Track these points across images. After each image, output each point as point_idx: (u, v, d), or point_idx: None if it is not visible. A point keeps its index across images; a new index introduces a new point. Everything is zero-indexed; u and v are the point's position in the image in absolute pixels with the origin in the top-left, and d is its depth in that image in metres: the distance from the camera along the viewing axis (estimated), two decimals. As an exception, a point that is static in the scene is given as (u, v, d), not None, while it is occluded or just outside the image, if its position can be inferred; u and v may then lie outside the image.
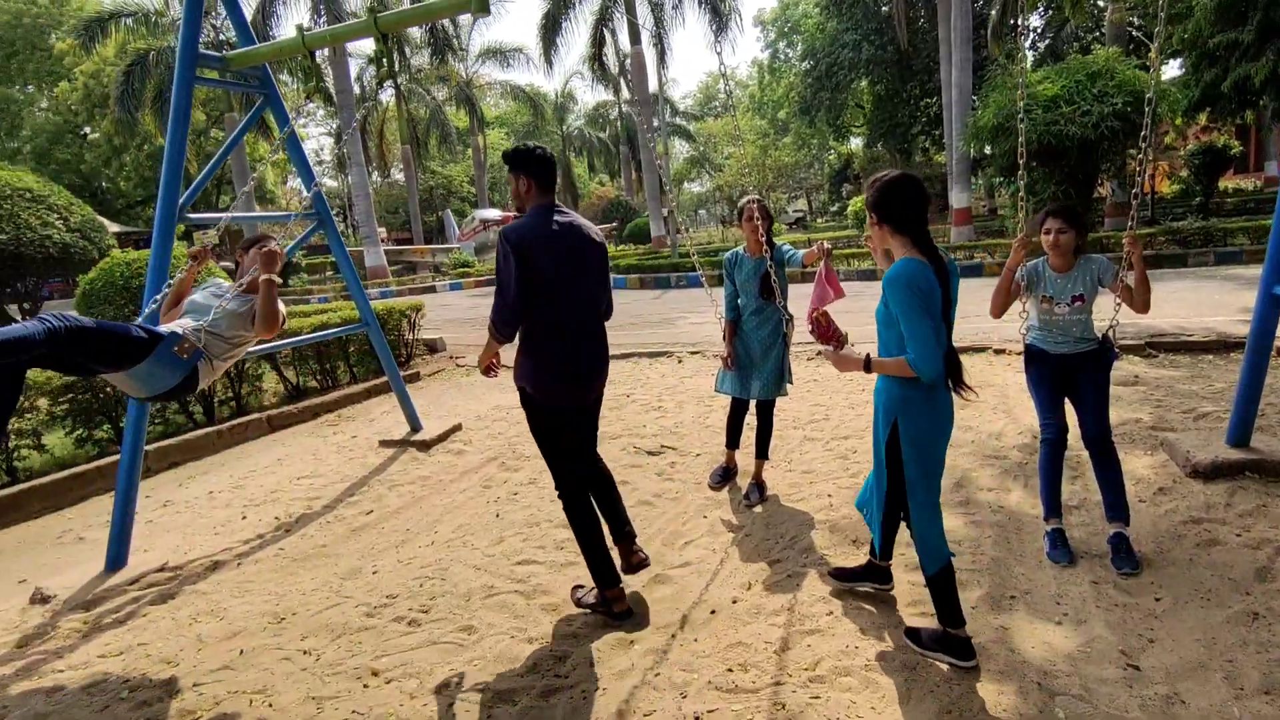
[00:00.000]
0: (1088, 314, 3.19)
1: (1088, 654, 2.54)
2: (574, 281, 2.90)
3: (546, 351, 2.90)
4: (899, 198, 2.38)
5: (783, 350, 4.07)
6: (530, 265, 2.76)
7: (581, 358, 2.97)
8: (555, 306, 2.86)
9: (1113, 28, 18.32)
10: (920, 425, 2.44)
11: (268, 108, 4.97)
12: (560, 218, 2.91)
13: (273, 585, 3.59)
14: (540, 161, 2.92)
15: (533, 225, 2.83)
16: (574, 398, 2.99)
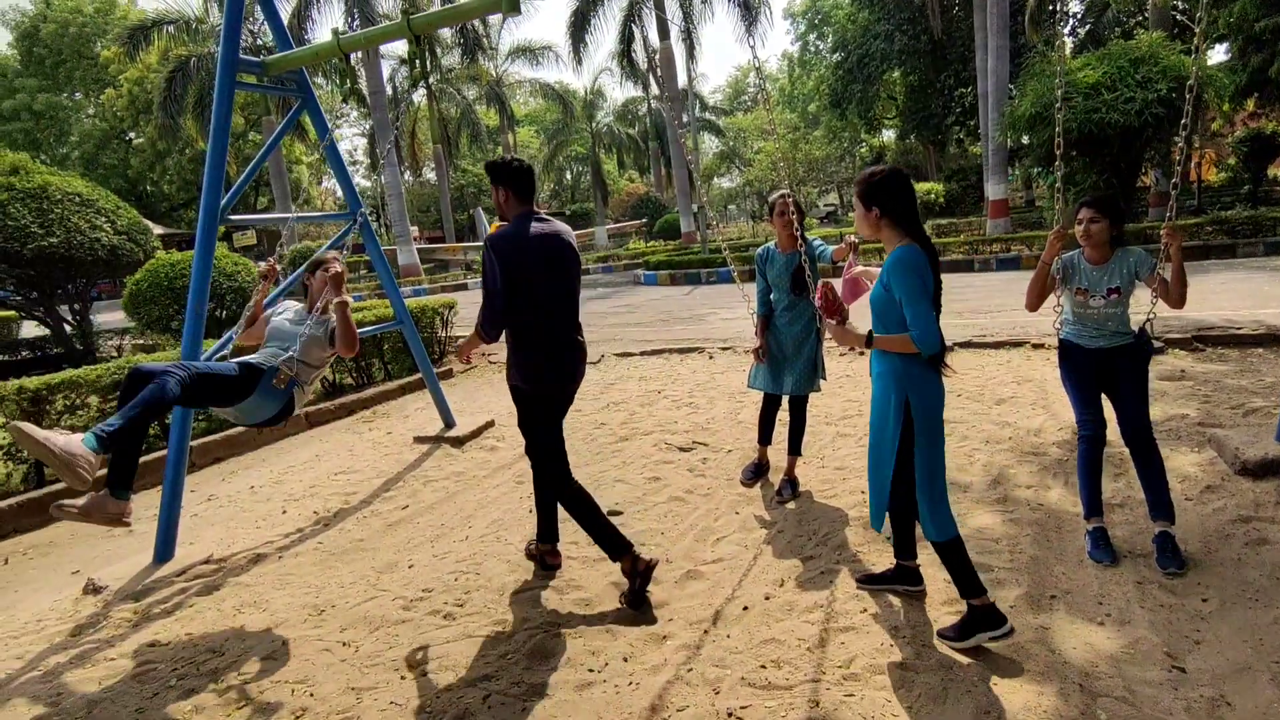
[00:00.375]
0: (1124, 307, 3.12)
1: (1131, 655, 2.48)
2: (554, 283, 3.14)
3: (535, 348, 3.14)
4: (896, 189, 2.54)
5: (816, 345, 4.05)
6: (513, 270, 3.01)
7: (565, 351, 3.21)
8: (538, 307, 3.10)
9: (1156, 11, 17.77)
10: (929, 397, 2.56)
11: (305, 111, 5.06)
12: (539, 224, 3.14)
13: (312, 578, 3.67)
14: (516, 173, 3.15)
15: (514, 233, 3.06)
16: (561, 388, 3.25)
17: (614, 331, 11.09)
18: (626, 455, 5.12)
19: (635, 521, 4.00)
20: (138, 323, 9.70)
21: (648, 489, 4.46)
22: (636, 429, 5.71)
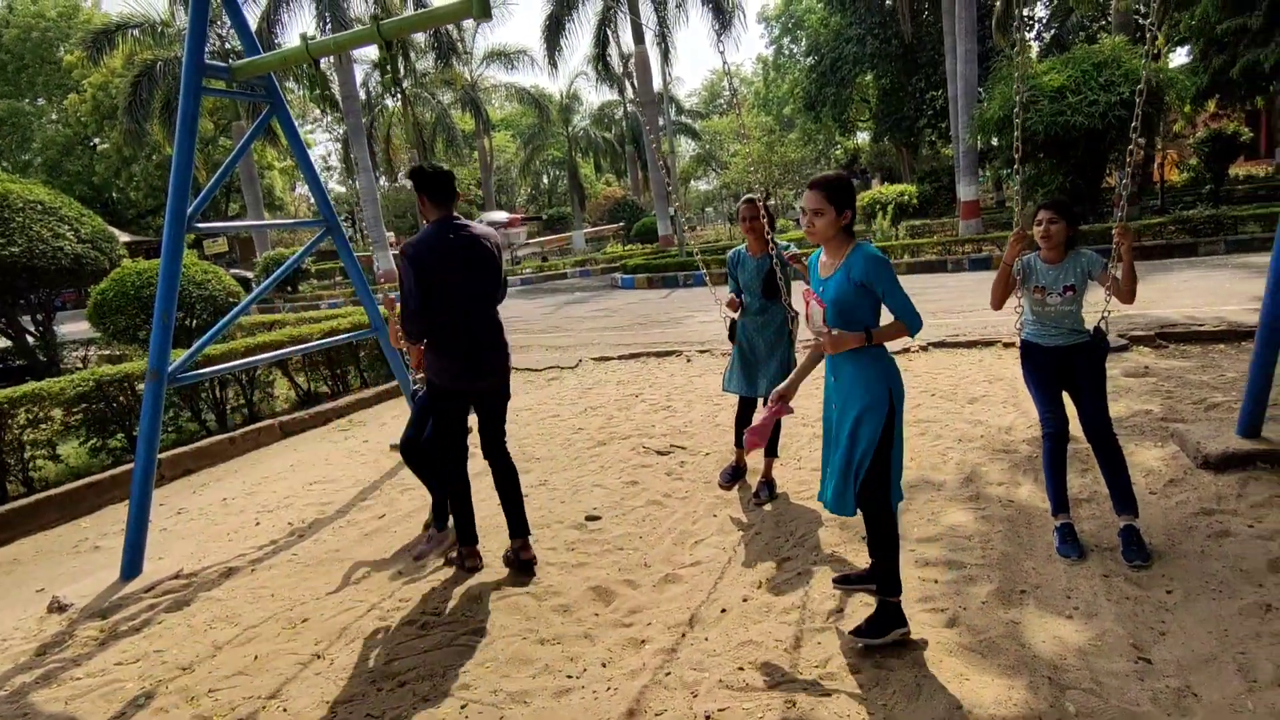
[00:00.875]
0: (1078, 305, 3.24)
1: (1099, 647, 2.53)
2: (470, 285, 3.32)
3: (448, 346, 3.36)
4: (853, 192, 2.67)
5: (788, 348, 4.08)
6: (427, 274, 3.21)
7: (478, 349, 3.41)
8: (453, 308, 3.30)
9: (1118, 16, 18.17)
10: (901, 384, 2.69)
11: (274, 116, 5.01)
12: (456, 229, 3.32)
13: (286, 591, 3.62)
14: (430, 178, 3.32)
15: (428, 238, 3.27)
16: (471, 383, 3.46)
17: (592, 336, 11.09)
18: (604, 459, 5.12)
19: (613, 525, 4.01)
20: (103, 333, 9.51)
21: (626, 493, 4.46)
22: (614, 433, 5.71)
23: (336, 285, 25.32)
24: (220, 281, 9.64)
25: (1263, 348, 3.70)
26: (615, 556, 3.64)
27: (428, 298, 3.24)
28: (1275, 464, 3.66)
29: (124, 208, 37.77)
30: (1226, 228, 12.94)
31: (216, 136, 34.40)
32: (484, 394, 3.56)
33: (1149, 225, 13.43)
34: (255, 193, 25.82)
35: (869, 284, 2.56)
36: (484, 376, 3.48)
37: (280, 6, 21.72)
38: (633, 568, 3.51)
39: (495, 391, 3.58)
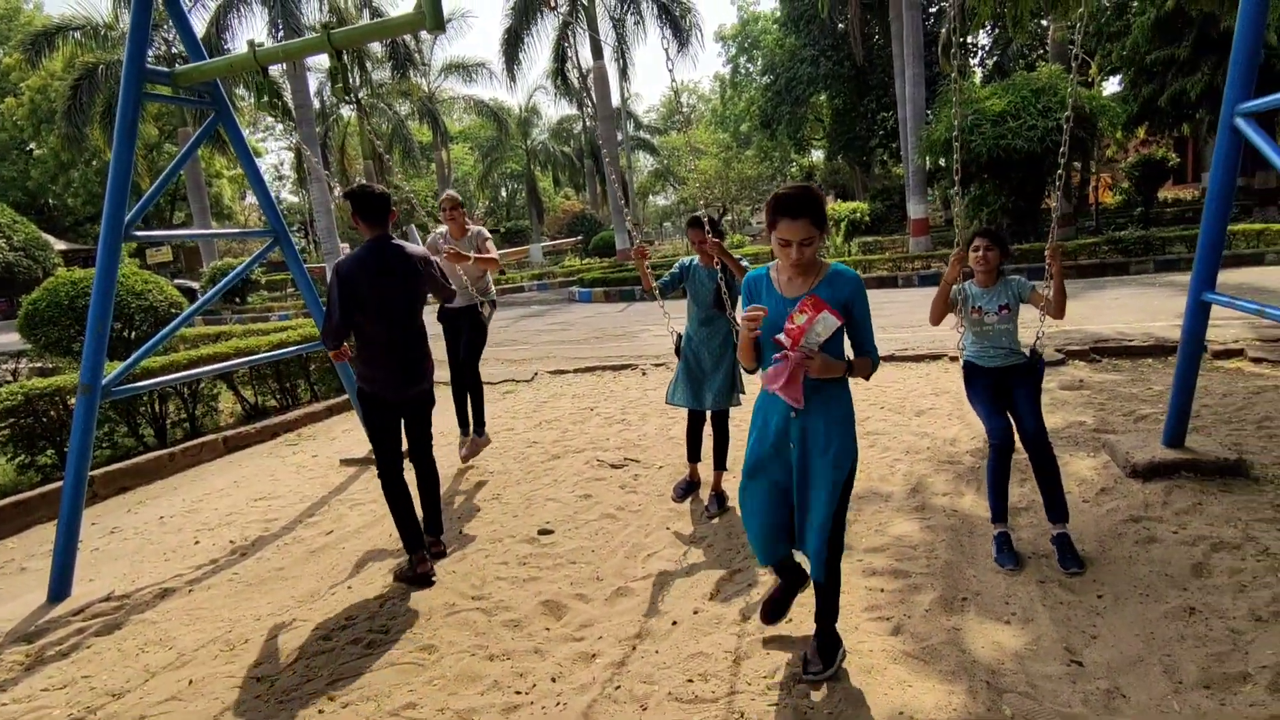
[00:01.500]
0: (1014, 324, 3.40)
1: (1034, 651, 2.61)
2: (393, 301, 3.54)
3: (374, 356, 3.57)
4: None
5: (733, 361, 4.13)
6: (353, 290, 3.45)
7: (401, 360, 3.61)
8: (377, 321, 3.51)
9: (1055, 46, 19.01)
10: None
11: (220, 124, 4.89)
12: (387, 247, 3.55)
13: (225, 612, 3.50)
14: (362, 200, 3.56)
15: (358, 256, 3.50)
16: (397, 391, 3.64)
17: (548, 349, 11.04)
18: (558, 473, 5.10)
19: (567, 539, 3.99)
20: (34, 345, 9.11)
21: (579, 506, 4.44)
22: (568, 446, 5.69)
23: (288, 297, 24.72)
24: (162, 291, 9.33)
25: (1184, 363, 3.90)
26: (567, 570, 3.62)
27: (351, 312, 3.49)
28: (1197, 473, 3.85)
29: (61, 214, 36.31)
30: (1155, 248, 13.59)
31: (161, 142, 33.40)
32: (411, 402, 3.74)
33: (1084, 245, 14.01)
34: (202, 201, 25.09)
35: (850, 306, 2.39)
36: (411, 386, 3.68)
37: (230, 12, 21.24)
38: (585, 581, 3.49)
39: (421, 399, 3.80)
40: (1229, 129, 3.48)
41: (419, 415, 3.82)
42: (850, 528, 3.76)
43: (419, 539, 3.68)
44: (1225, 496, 3.65)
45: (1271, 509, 3.47)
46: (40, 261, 8.82)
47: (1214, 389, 5.42)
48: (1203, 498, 3.65)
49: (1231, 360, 6.24)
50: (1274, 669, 2.39)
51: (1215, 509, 3.53)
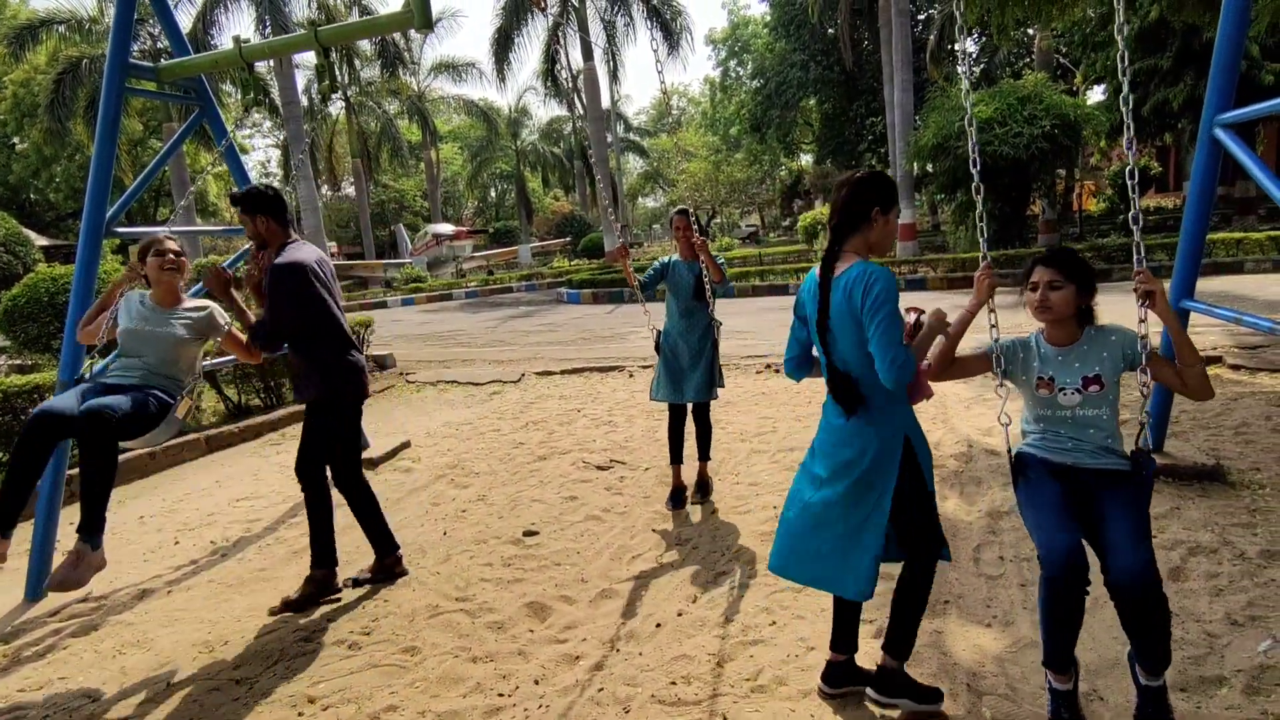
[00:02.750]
0: (1111, 410, 2.23)
1: (1014, 654, 2.64)
2: (329, 301, 3.41)
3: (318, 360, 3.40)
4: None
5: (712, 353, 4.24)
6: (309, 288, 3.30)
7: (345, 362, 3.45)
8: (319, 323, 3.35)
9: (1041, 54, 19.25)
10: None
11: (204, 120, 4.85)
12: (310, 248, 3.42)
13: (205, 613, 3.47)
14: (273, 201, 3.39)
15: (301, 259, 3.31)
16: (354, 395, 3.50)
17: (535, 350, 11.02)
18: (544, 474, 5.09)
19: (552, 541, 3.98)
20: (14, 341, 8.99)
21: (564, 508, 4.44)
22: (555, 448, 5.68)
23: (272, 295, 24.49)
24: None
25: (1165, 368, 3.93)
26: (552, 572, 3.62)
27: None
28: (1176, 477, 3.90)
29: (43, 210, 35.85)
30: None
31: (146, 138, 33.00)
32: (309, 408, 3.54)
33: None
34: (186, 198, 24.85)
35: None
36: (352, 388, 3.52)
37: (217, 7, 21.08)
38: (569, 583, 3.49)
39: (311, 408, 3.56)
40: (1209, 139, 3.53)
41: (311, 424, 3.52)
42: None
43: (333, 560, 3.53)
44: (1202, 501, 3.69)
45: (1247, 514, 3.52)
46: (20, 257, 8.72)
47: (1193, 395, 5.49)
48: (1181, 502, 3.70)
49: (1210, 367, 6.32)
50: (1249, 672, 2.42)
51: (1193, 513, 3.57)
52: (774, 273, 17.67)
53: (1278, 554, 3.13)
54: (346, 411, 3.50)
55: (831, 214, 2.28)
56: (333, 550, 3.53)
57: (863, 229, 2.21)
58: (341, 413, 3.49)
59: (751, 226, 46.25)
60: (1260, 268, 12.65)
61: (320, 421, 3.46)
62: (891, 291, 2.08)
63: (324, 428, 3.47)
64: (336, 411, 3.48)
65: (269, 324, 3.29)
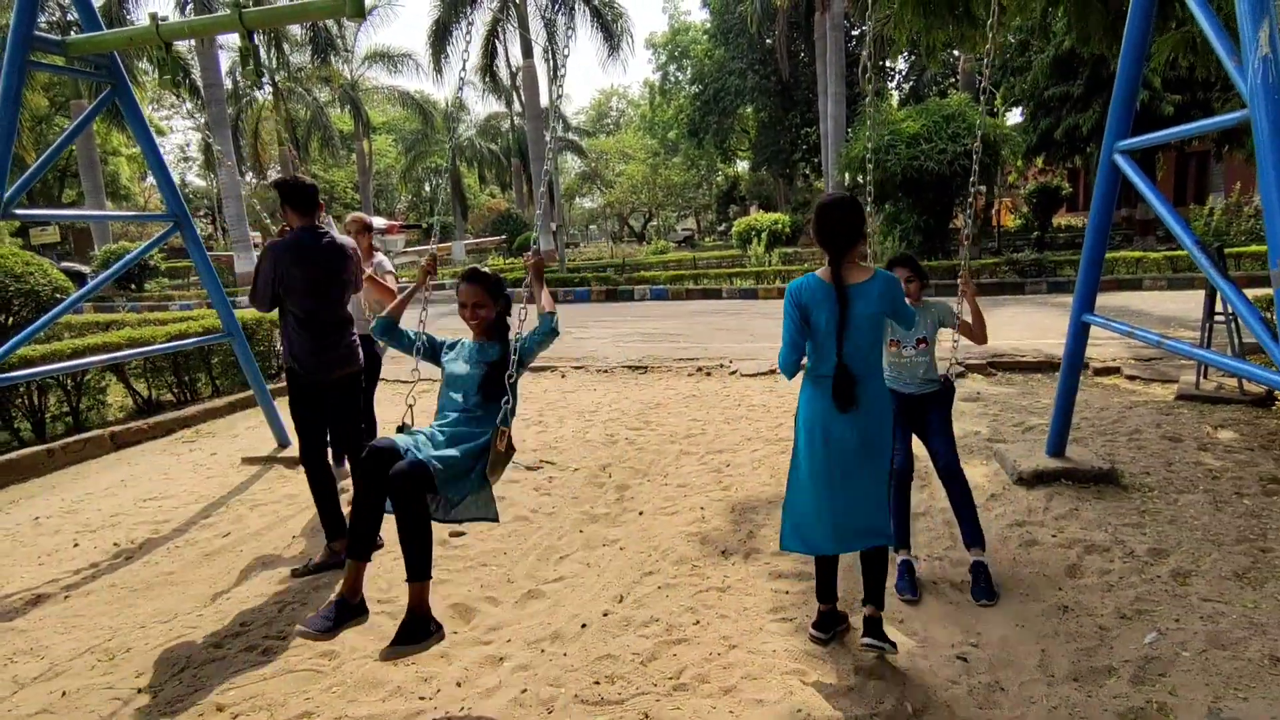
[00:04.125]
0: (930, 355, 3.36)
1: (924, 649, 2.76)
2: (320, 285, 3.68)
3: (298, 336, 3.67)
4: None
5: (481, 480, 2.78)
6: (281, 270, 3.58)
7: (325, 342, 3.71)
8: (303, 303, 3.64)
9: (965, 75, 20.18)
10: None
11: (117, 99, 4.60)
12: (316, 235, 3.69)
13: (106, 619, 3.28)
14: (293, 191, 3.68)
15: (292, 241, 3.64)
16: (317, 371, 3.70)
17: (468, 348, 10.84)
18: (473, 475, 5.02)
19: (478, 542, 3.93)
20: (-105, 328, 8.26)
21: (493, 509, 4.39)
22: (485, 448, 5.61)
23: (190, 285, 23.36)
24: (45, 274, 8.63)
25: (1066, 378, 4.20)
26: (478, 573, 3.58)
27: (275, 288, 3.62)
28: (1075, 480, 4.16)
29: (-71, 186, 33.10)
30: (1049, 270, 14.59)
31: (52, 115, 30.91)
32: (332, 386, 3.78)
33: (986, 265, 14.91)
34: (96, 179, 23.41)
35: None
36: (331, 368, 3.74)
37: (136, -20, 19.98)
38: (495, 584, 3.46)
39: (343, 385, 3.83)
40: (1109, 164, 3.78)
41: (341, 401, 3.83)
42: (759, 532, 3.87)
43: (341, 526, 3.69)
44: (1098, 503, 3.95)
45: (1137, 514, 3.79)
46: (-98, 236, 8.04)
47: (1093, 403, 5.87)
48: (1079, 504, 3.94)
49: (1109, 377, 6.77)
50: (1135, 663, 2.60)
51: (1089, 514, 3.82)
52: (708, 277, 17.92)
53: (1163, 552, 3.38)
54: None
55: (829, 234, 2.58)
56: (343, 520, 3.73)
57: (858, 243, 2.61)
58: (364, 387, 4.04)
59: (687, 230, 46.70)
60: (1157, 285, 13.59)
61: (356, 397, 3.93)
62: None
63: (356, 403, 3.95)
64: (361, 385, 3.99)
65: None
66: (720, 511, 4.16)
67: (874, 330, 2.59)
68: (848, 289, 2.54)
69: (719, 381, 7.35)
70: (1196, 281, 13.31)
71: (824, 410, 2.60)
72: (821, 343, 2.59)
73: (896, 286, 2.63)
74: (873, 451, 2.62)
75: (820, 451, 2.61)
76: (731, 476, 4.73)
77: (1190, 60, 6.16)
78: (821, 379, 2.61)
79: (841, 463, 2.59)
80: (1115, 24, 6.19)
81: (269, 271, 3.61)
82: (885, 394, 2.71)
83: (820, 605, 2.85)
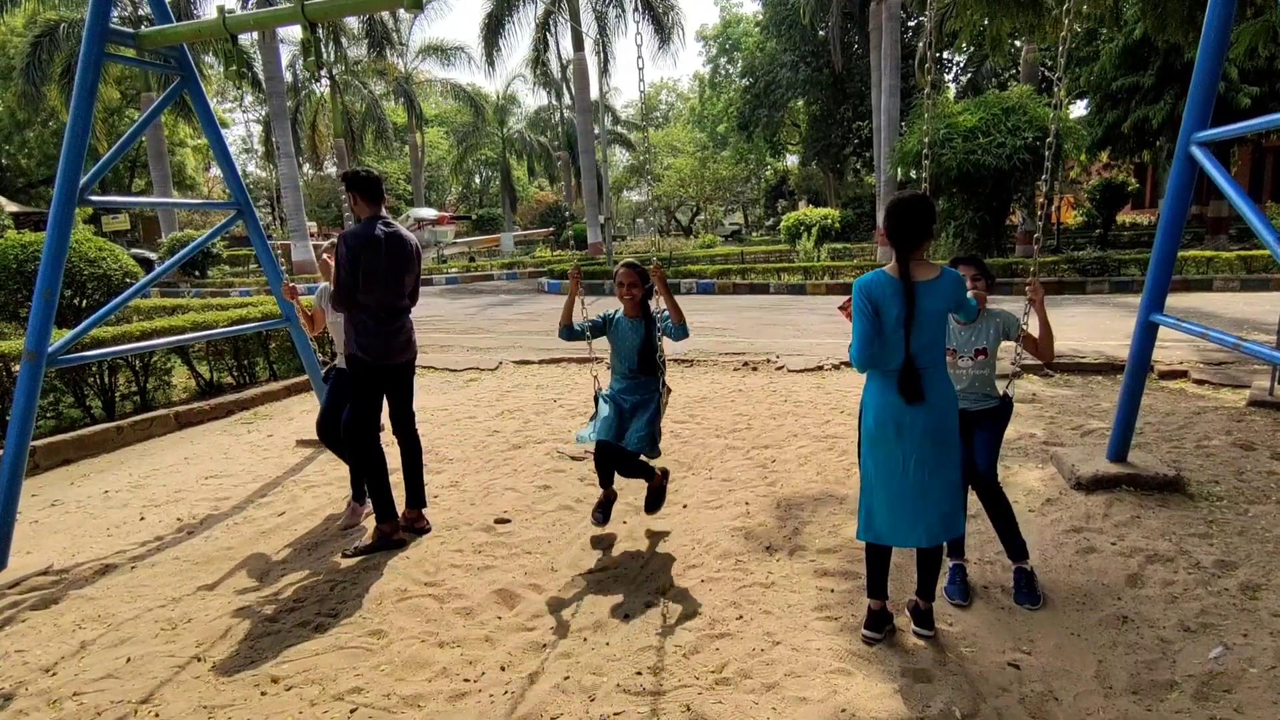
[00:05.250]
0: (990, 369, 3.12)
1: (974, 653, 2.69)
2: (391, 274, 3.75)
3: (369, 324, 3.74)
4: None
5: (655, 413, 3.65)
6: (359, 259, 3.64)
7: (392, 329, 3.81)
8: (374, 293, 3.70)
9: (1027, 67, 19.48)
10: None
11: (185, 91, 4.76)
12: (384, 227, 3.76)
13: (169, 590, 3.43)
14: (363, 181, 3.75)
15: (363, 231, 3.70)
16: (386, 358, 3.80)
17: (514, 339, 10.98)
18: (518, 463, 5.08)
19: (523, 529, 3.98)
20: (-20, 308, 8.75)
21: (537, 497, 4.44)
22: (530, 437, 5.67)
23: (250, 273, 24.15)
24: (116, 260, 9.04)
25: (1130, 381, 4.03)
26: (523, 560, 3.62)
27: (358, 281, 3.65)
28: (1137, 487, 3.99)
29: (13, 176, 34.94)
30: (1111, 269, 14.02)
31: (124, 106, 32.23)
32: (396, 372, 3.89)
33: (1046, 263, 14.40)
34: (163, 169, 24.36)
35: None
36: (398, 354, 3.85)
37: (203, -24, 20.67)
38: (539, 571, 3.49)
39: (405, 370, 3.96)
40: (1185, 156, 3.60)
41: (402, 385, 3.97)
42: (804, 529, 3.82)
43: (390, 507, 3.82)
44: (1162, 511, 3.79)
45: (1204, 524, 3.62)
46: (-12, 223, 8.54)
47: (1158, 407, 5.62)
48: (1141, 511, 3.78)
49: (1176, 381, 6.47)
50: (1199, 678, 2.49)
51: (1152, 523, 3.66)
52: (755, 271, 17.74)
53: (1231, 564, 3.22)
54: None
55: (901, 231, 2.58)
56: (393, 502, 3.88)
57: (927, 242, 2.62)
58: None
59: (735, 225, 46.35)
60: (1229, 286, 12.95)
61: (412, 381, 4.06)
62: None
63: (412, 387, 4.08)
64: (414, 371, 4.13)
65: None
66: (765, 507, 4.12)
67: (941, 325, 2.64)
68: (916, 285, 2.56)
69: (765, 377, 7.28)
70: (1271, 283, 12.66)
71: (894, 404, 2.62)
72: (889, 337, 2.59)
73: (962, 285, 2.67)
74: (942, 442, 2.64)
75: (893, 444, 2.63)
76: (777, 472, 4.68)
77: (1270, 50, 5.83)
78: (890, 373, 2.63)
79: (916, 453, 2.61)
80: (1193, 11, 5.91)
81: (351, 261, 3.62)
82: (950, 386, 2.71)
83: (871, 603, 2.83)
